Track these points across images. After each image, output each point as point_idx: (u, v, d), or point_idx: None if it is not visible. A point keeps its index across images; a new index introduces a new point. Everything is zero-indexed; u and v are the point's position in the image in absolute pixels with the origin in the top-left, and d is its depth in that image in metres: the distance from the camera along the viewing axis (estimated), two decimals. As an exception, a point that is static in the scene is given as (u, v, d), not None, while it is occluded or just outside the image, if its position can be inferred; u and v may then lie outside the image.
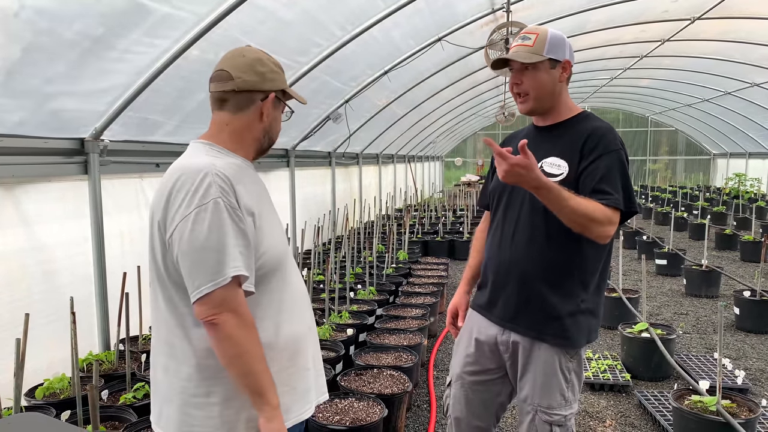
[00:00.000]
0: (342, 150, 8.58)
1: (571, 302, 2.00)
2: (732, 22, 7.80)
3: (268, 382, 1.41)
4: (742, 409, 3.14)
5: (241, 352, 1.36)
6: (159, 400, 1.53)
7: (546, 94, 2.02)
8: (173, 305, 1.46)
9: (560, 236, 1.94)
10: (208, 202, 1.36)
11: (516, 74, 2.03)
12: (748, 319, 5.43)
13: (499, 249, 2.09)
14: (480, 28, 6.46)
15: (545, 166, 1.99)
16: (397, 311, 4.77)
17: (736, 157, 18.31)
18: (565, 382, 2.03)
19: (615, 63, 11.32)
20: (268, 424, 1.41)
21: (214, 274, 1.34)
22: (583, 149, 1.95)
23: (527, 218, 2.02)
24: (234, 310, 1.36)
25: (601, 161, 1.92)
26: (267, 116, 1.56)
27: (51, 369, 3.20)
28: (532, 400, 2.04)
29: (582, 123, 2.05)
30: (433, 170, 19.85)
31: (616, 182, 1.90)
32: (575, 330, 2.01)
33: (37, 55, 2.73)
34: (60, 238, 3.38)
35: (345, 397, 3.08)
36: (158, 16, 3.09)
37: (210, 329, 1.37)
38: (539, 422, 2.03)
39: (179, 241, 1.37)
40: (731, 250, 9.64)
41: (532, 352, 2.03)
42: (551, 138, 2.07)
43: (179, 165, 1.47)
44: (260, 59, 1.54)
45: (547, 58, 1.98)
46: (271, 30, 4.17)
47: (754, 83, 11.12)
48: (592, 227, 1.81)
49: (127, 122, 3.69)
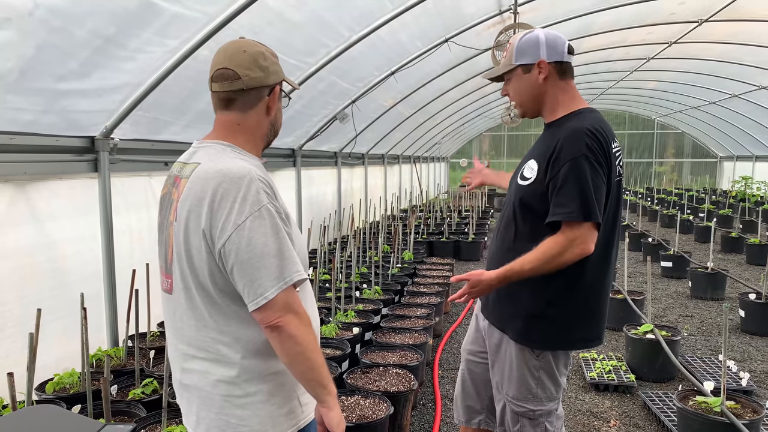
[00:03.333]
0: (348, 150, 8.61)
1: (531, 305, 2.01)
2: (740, 25, 7.78)
3: (327, 373, 1.45)
4: (746, 410, 3.14)
5: (305, 349, 1.39)
6: (195, 406, 1.50)
7: (526, 99, 2.10)
8: (218, 310, 1.44)
9: (527, 239, 1.98)
10: (261, 208, 1.36)
11: (503, 86, 2.18)
12: (753, 322, 5.42)
13: (491, 244, 2.26)
14: (487, 29, 6.47)
15: (524, 169, 2.08)
16: (403, 310, 4.79)
17: (742, 159, 18.23)
18: (532, 378, 2.05)
19: (621, 65, 11.30)
20: (330, 412, 1.46)
21: (277, 279, 1.35)
22: (551, 156, 1.93)
23: (504, 219, 2.14)
24: (295, 310, 1.38)
25: (561, 171, 1.88)
26: (274, 110, 1.56)
27: (60, 364, 3.24)
28: (501, 387, 2.14)
29: (566, 123, 2.00)
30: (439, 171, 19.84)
31: (571, 193, 1.85)
32: (534, 333, 2.02)
33: (50, 54, 2.77)
34: (70, 235, 3.41)
35: (351, 394, 3.10)
36: (169, 15, 3.12)
37: (273, 332, 1.37)
38: (509, 411, 2.12)
39: (237, 251, 1.35)
40: (737, 253, 9.61)
41: (501, 342, 2.13)
42: (542, 138, 2.13)
43: (214, 170, 1.41)
44: (262, 53, 1.50)
45: (517, 65, 2.05)
46: (279, 31, 4.20)
47: (762, 86, 11.08)
48: (560, 261, 1.87)
49: (137, 121, 3.73)
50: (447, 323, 5.62)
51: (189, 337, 1.47)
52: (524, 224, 2.02)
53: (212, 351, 1.45)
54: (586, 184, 1.85)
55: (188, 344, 1.48)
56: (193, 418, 1.51)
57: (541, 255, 1.88)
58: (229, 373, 1.44)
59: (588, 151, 1.87)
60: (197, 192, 1.40)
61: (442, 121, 12.12)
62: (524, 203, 2.00)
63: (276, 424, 1.48)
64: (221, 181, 1.37)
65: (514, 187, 2.11)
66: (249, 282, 1.35)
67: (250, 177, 1.38)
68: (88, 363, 2.82)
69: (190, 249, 1.41)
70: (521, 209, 2.02)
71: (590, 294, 2.02)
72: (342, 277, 4.70)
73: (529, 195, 1.99)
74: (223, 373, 1.44)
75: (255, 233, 1.34)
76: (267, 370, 1.45)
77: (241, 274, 1.36)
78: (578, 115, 2.01)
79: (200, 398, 1.48)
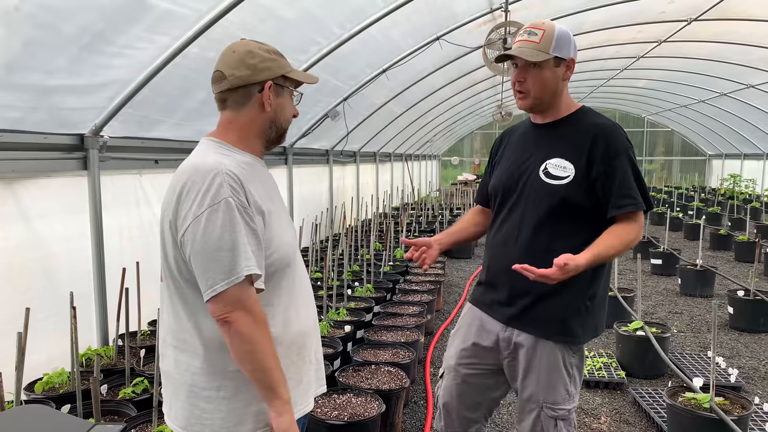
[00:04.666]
0: (340, 148, 8.59)
1: (578, 301, 2.02)
2: (729, 24, 7.84)
3: (279, 378, 1.43)
4: (735, 407, 3.17)
5: (254, 348, 1.39)
6: (169, 393, 1.55)
7: (548, 93, 2.01)
8: (185, 301, 1.48)
9: (567, 237, 1.97)
10: (220, 201, 1.38)
11: (520, 71, 2.00)
12: (741, 319, 5.48)
13: (504, 248, 2.09)
14: (478, 28, 6.48)
15: (549, 168, 2.00)
16: (395, 308, 4.80)
17: (731, 158, 18.40)
18: (568, 377, 2.04)
19: (612, 63, 11.35)
20: (279, 418, 1.43)
21: (228, 273, 1.36)
22: (592, 151, 1.96)
23: (533, 219, 2.02)
24: (247, 307, 1.38)
25: (616, 165, 1.95)
26: (269, 106, 1.54)
27: (50, 364, 3.21)
28: (537, 397, 2.04)
29: (584, 120, 2.04)
30: (431, 169, 19.86)
31: (634, 185, 1.95)
32: (581, 328, 2.03)
33: (38, 50, 2.74)
34: (59, 233, 3.39)
35: (343, 392, 3.10)
36: (159, 11, 3.10)
37: (223, 326, 1.39)
38: (545, 418, 2.04)
39: (192, 241, 1.38)
40: (726, 250, 9.70)
41: (536, 351, 2.03)
42: (551, 137, 2.07)
43: (189, 164, 1.47)
44: (250, 51, 1.51)
45: (553, 56, 1.95)
46: (271, 28, 4.18)
47: (750, 85, 11.17)
48: (631, 246, 1.97)
49: (127, 119, 3.70)
50: (439, 321, 5.63)
51: (167, 324, 1.54)
52: (564, 222, 1.98)
53: (181, 340, 1.50)
54: (640, 176, 1.99)
55: (166, 332, 1.55)
56: (167, 406, 1.56)
57: (623, 241, 1.91)
58: (194, 363, 1.47)
59: (630, 145, 2.01)
60: (173, 185, 1.47)
61: (434, 119, 12.13)
62: (569, 202, 1.97)
63: (242, 422, 1.47)
64: (191, 175, 1.42)
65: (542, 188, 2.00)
66: (202, 273, 1.38)
67: (216, 171, 1.40)
68: (78, 362, 2.80)
69: (164, 240, 1.48)
70: (564, 207, 1.98)
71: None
72: (334, 275, 4.70)
73: (572, 193, 1.96)
74: (190, 362, 1.48)
75: (211, 225, 1.37)
76: (232, 366, 1.45)
77: (196, 265, 1.39)
78: (590, 113, 2.09)
79: (173, 386, 1.53)
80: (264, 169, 1.62)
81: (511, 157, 2.17)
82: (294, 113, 1.63)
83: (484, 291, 2.21)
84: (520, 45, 1.97)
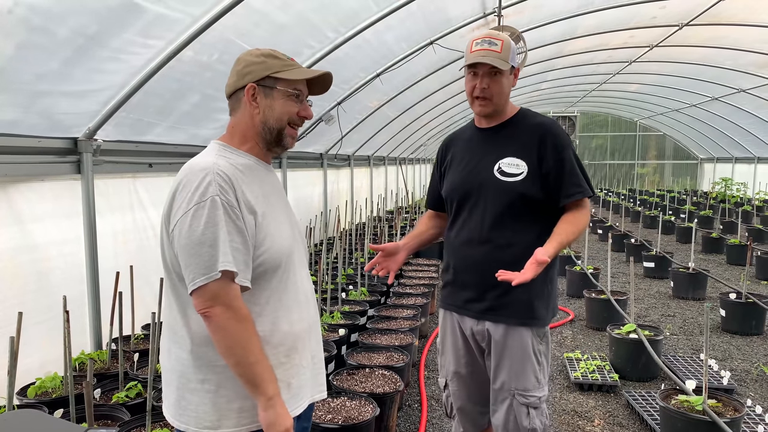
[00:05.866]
0: (334, 152, 8.60)
1: (542, 286, 2.16)
2: (720, 29, 7.92)
3: (262, 374, 1.45)
4: (727, 409, 3.19)
5: (234, 343, 1.42)
6: (164, 383, 1.61)
7: (504, 99, 2.18)
8: (177, 294, 1.53)
9: (525, 231, 2.13)
10: (207, 199, 1.43)
11: (483, 78, 2.12)
12: (733, 321, 5.51)
13: (468, 247, 2.21)
14: (471, 32, 6.51)
15: (503, 166, 2.14)
16: (389, 312, 4.80)
17: (722, 161, 18.55)
18: (537, 364, 2.17)
19: (604, 68, 11.44)
20: (264, 413, 1.47)
21: (207, 268, 1.41)
22: (541, 148, 2.13)
23: (493, 216, 2.15)
24: (227, 303, 1.41)
25: (564, 158, 2.12)
26: (255, 107, 1.58)
27: (43, 368, 3.19)
28: (509, 385, 2.16)
29: (526, 121, 2.22)
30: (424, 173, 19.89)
31: (580, 175, 2.14)
32: (545, 310, 2.18)
33: (31, 53, 2.73)
34: (53, 237, 3.37)
35: (337, 396, 3.10)
36: (152, 16, 3.10)
37: (205, 321, 1.44)
38: (517, 405, 2.15)
39: (179, 236, 1.44)
40: (718, 253, 9.76)
41: (506, 339, 2.15)
42: (499, 138, 2.21)
43: (188, 164, 1.54)
44: (239, 59, 1.61)
45: (510, 65, 2.12)
46: (265, 32, 4.19)
47: (741, 89, 11.28)
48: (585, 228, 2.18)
49: (121, 122, 3.69)
50: (433, 324, 5.64)
51: (165, 316, 1.61)
52: (522, 216, 2.13)
53: (173, 332, 1.55)
54: (582, 166, 2.18)
55: (164, 323, 1.62)
56: (164, 395, 1.61)
57: (578, 226, 2.09)
58: (183, 355, 1.52)
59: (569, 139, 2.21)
60: (172, 185, 1.53)
61: (427, 122, 12.16)
62: (527, 196, 2.12)
63: (224, 417, 1.50)
64: (186, 174, 1.49)
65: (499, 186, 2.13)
66: (185, 267, 1.44)
67: (208, 170, 1.46)
68: (71, 366, 2.78)
69: (161, 235, 1.54)
70: (523, 202, 2.12)
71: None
72: (328, 278, 4.70)
73: (529, 188, 2.12)
74: (180, 354, 1.53)
75: (195, 222, 1.42)
76: (218, 360, 1.48)
77: (181, 259, 1.45)
78: (529, 113, 2.27)
79: (166, 376, 1.58)
80: (267, 173, 1.67)
81: (462, 161, 2.28)
82: (296, 112, 1.61)
83: (452, 292, 2.32)
84: (484, 54, 2.08)
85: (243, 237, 1.46)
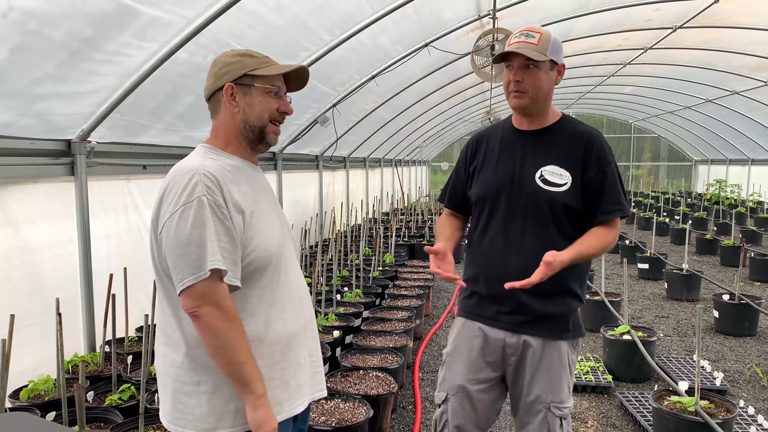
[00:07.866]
0: (329, 153, 8.60)
1: (576, 298, 2.12)
2: (714, 31, 7.96)
3: (251, 373, 1.46)
4: (720, 410, 3.21)
5: (223, 343, 1.43)
6: (160, 387, 1.60)
7: (542, 95, 2.04)
8: (169, 296, 1.53)
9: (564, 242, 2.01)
10: (193, 200, 1.44)
11: (517, 71, 2.01)
12: (727, 322, 5.54)
13: (505, 257, 2.07)
14: (466, 35, 6.53)
15: (546, 175, 2.03)
16: (384, 313, 4.80)
17: (717, 163, 18.63)
18: (570, 374, 2.12)
19: (599, 70, 11.47)
20: (253, 412, 1.47)
21: (195, 268, 1.41)
22: (585, 158, 2.04)
23: (536, 227, 2.04)
24: (216, 302, 1.42)
25: (606, 173, 2.04)
26: (235, 107, 1.58)
27: (36, 371, 3.18)
28: (545, 398, 2.06)
29: (570, 128, 2.10)
30: (420, 174, 19.92)
31: (620, 193, 2.06)
32: (576, 322, 2.14)
33: (25, 56, 2.73)
34: (46, 239, 3.36)
35: (331, 398, 3.10)
36: (147, 18, 3.10)
37: (193, 321, 1.44)
38: (551, 418, 2.06)
39: (166, 237, 1.45)
40: (711, 254, 9.81)
41: (544, 352, 2.06)
42: (541, 144, 2.08)
43: (176, 166, 1.55)
44: (215, 61, 1.61)
45: (549, 59, 1.99)
46: (260, 34, 4.19)
47: (735, 91, 11.33)
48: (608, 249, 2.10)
49: (115, 124, 3.69)
50: (428, 326, 5.65)
51: (158, 320, 1.60)
52: (565, 227, 2.04)
53: (166, 335, 1.55)
54: (623, 183, 2.10)
55: (157, 328, 1.61)
56: (160, 399, 1.61)
57: (602, 243, 2.01)
58: (177, 358, 1.52)
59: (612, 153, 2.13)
60: (160, 188, 1.54)
61: (423, 124, 12.17)
62: (569, 207, 2.03)
63: (221, 419, 1.50)
64: (174, 176, 1.50)
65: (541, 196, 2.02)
66: (173, 268, 1.44)
67: (194, 171, 1.47)
68: (64, 369, 2.77)
69: (151, 238, 1.54)
70: (566, 212, 2.03)
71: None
72: (323, 280, 4.70)
73: (572, 199, 2.03)
74: (173, 357, 1.53)
75: (182, 222, 1.43)
76: (213, 362, 1.48)
77: (169, 259, 1.45)
78: (572, 120, 2.16)
79: (161, 380, 1.58)
80: (254, 172, 1.66)
81: (498, 163, 2.13)
82: (277, 109, 1.61)
83: (480, 303, 2.16)
84: (519, 45, 1.97)
85: (231, 236, 1.46)
